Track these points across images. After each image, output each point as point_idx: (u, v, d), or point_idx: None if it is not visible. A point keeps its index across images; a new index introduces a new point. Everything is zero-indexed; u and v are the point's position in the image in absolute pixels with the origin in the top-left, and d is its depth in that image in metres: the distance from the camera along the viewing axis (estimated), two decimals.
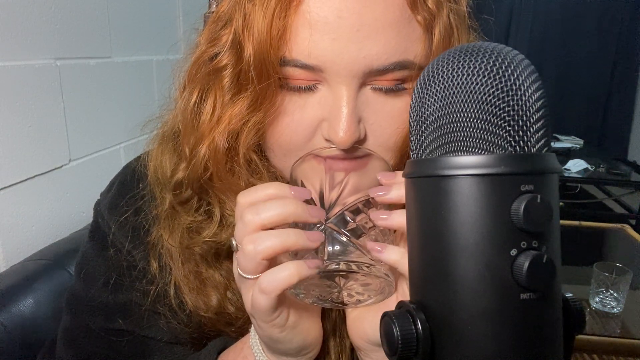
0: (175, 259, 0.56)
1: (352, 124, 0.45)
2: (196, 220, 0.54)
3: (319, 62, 0.44)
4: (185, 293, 0.56)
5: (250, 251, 0.42)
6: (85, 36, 1.23)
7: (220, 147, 0.49)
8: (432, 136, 0.32)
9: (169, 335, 0.58)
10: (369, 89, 0.47)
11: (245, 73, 0.46)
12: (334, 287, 0.47)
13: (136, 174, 0.60)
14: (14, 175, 1.00)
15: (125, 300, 0.58)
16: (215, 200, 0.53)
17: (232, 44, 0.47)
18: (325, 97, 0.47)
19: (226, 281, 0.55)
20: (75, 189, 1.19)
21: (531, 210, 0.27)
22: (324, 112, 0.47)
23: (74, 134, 1.17)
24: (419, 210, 0.32)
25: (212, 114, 0.49)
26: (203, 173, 0.51)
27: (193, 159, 0.50)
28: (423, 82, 0.33)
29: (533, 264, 0.27)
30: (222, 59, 0.48)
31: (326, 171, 0.47)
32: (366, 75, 0.45)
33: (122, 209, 0.58)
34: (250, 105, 0.47)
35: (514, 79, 0.29)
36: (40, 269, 0.89)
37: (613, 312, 1.44)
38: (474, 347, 0.29)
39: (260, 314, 0.43)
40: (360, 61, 0.44)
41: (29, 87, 1.03)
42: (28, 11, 1.03)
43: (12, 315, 0.79)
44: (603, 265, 1.45)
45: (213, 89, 0.49)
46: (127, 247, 0.57)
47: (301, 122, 0.48)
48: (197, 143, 0.50)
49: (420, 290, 0.32)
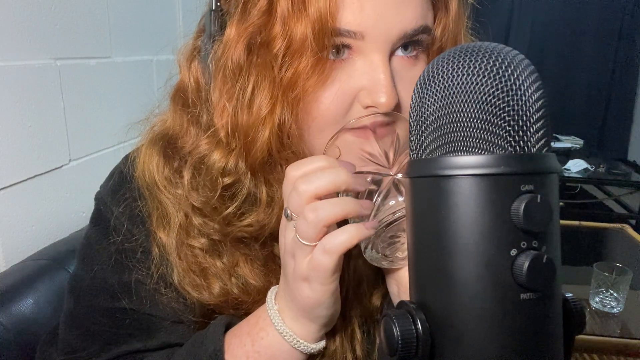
0: (172, 255, 0.56)
1: (391, 88, 0.48)
2: (241, 209, 0.55)
3: (362, 28, 0.47)
4: (185, 286, 0.57)
5: (312, 219, 0.44)
6: (85, 36, 1.22)
7: (284, 120, 0.49)
8: (432, 136, 0.32)
9: (173, 315, 0.59)
10: (397, 58, 0.51)
11: (298, 45, 0.47)
12: (398, 241, 0.49)
13: (130, 172, 0.61)
14: (14, 175, 1.00)
15: (129, 280, 0.58)
16: (262, 183, 0.54)
17: (275, 23, 0.48)
18: (362, 68, 0.49)
19: (230, 267, 0.57)
20: (75, 189, 1.19)
21: (531, 210, 0.27)
22: (362, 82, 0.49)
23: (74, 134, 1.17)
24: (419, 210, 0.32)
25: (270, 92, 0.49)
26: (267, 154, 0.51)
27: (252, 143, 0.51)
28: (423, 82, 0.33)
29: (533, 264, 0.27)
30: (270, 35, 0.48)
31: (375, 136, 0.50)
32: (400, 39, 0.49)
33: (123, 195, 0.59)
34: (306, 74, 0.48)
35: (514, 79, 0.29)
36: (40, 269, 0.89)
37: (613, 312, 1.44)
38: (474, 347, 0.29)
39: (320, 275, 0.46)
40: (397, 25, 0.48)
41: (29, 87, 1.03)
42: (28, 11, 1.03)
43: (12, 315, 0.79)
44: (603, 265, 1.45)
45: (263, 68, 0.49)
46: (130, 230, 0.59)
47: (343, 92, 0.50)
48: (254, 126, 0.50)
49: (421, 290, 0.32)
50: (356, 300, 0.60)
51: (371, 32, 0.47)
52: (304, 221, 0.45)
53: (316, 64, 0.48)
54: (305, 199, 0.45)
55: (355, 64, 0.50)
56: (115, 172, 0.63)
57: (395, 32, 0.48)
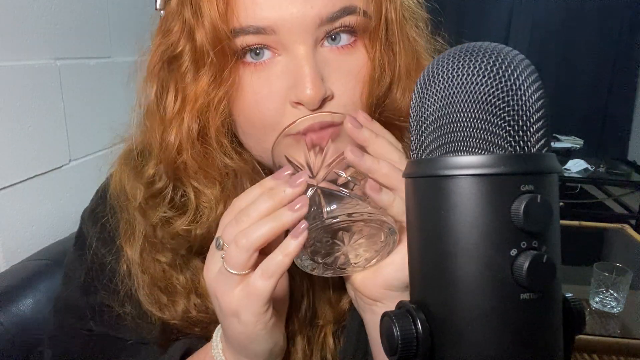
0: (135, 268, 0.56)
1: (316, 79, 0.46)
2: (167, 214, 0.54)
3: (269, 22, 0.45)
4: (148, 305, 0.56)
5: (243, 244, 0.42)
6: (85, 36, 1.23)
7: (191, 127, 0.49)
8: (432, 136, 0.32)
9: (137, 335, 0.59)
10: (324, 49, 0.48)
11: (200, 52, 0.47)
12: (338, 249, 0.47)
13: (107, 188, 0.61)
14: (14, 175, 1.00)
15: (96, 302, 0.59)
16: (190, 188, 0.52)
17: (182, 31, 0.48)
18: (286, 65, 0.47)
19: (191, 284, 0.56)
20: (75, 189, 1.19)
21: (531, 210, 0.27)
22: (288, 80, 0.47)
23: (74, 134, 1.17)
24: (419, 210, 0.32)
25: (175, 99, 0.50)
26: (177, 157, 0.51)
27: (165, 147, 0.50)
28: (423, 82, 0.33)
29: (533, 264, 0.27)
30: (178, 46, 0.49)
31: (308, 146, 0.48)
32: (317, 26, 0.46)
33: (100, 213, 0.60)
34: (212, 80, 0.47)
35: (514, 79, 0.29)
36: (40, 269, 0.89)
37: (613, 312, 1.44)
38: (474, 347, 0.29)
39: (253, 304, 0.43)
40: (309, 12, 0.45)
41: (29, 87, 1.03)
42: (28, 11, 1.03)
43: (12, 315, 0.79)
44: (603, 265, 1.45)
45: (173, 77, 0.50)
46: (100, 249, 0.59)
47: (269, 95, 0.48)
48: (166, 129, 0.50)
49: (421, 290, 0.32)
50: (327, 305, 0.58)
51: (280, 24, 0.45)
52: (235, 247, 0.43)
53: (222, 70, 0.47)
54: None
55: (281, 63, 0.47)
56: (100, 189, 0.64)
57: (309, 20, 0.45)
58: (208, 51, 0.46)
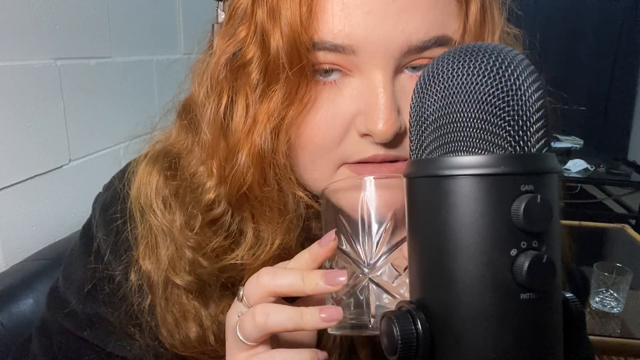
0: (156, 290, 0.51)
1: (392, 112, 0.41)
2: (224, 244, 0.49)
3: (352, 40, 0.40)
4: (161, 327, 0.51)
5: (260, 322, 0.39)
6: (85, 36, 1.22)
7: (264, 149, 0.44)
8: (432, 136, 0.32)
9: (135, 357, 0.54)
10: (405, 76, 0.43)
11: (274, 63, 0.42)
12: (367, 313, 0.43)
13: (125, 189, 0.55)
14: (14, 175, 1.00)
15: (93, 313, 0.54)
16: (249, 217, 0.48)
17: (254, 36, 0.43)
18: (359, 88, 0.42)
19: (214, 314, 0.51)
20: (75, 189, 1.19)
21: (531, 210, 0.27)
22: (358, 105, 0.42)
23: (74, 134, 1.17)
24: (419, 210, 0.32)
25: (246, 115, 0.44)
26: (244, 182, 0.45)
27: (230, 170, 0.45)
28: (423, 82, 0.33)
29: (533, 264, 0.27)
30: (247, 53, 0.44)
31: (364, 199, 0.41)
32: (404, 54, 0.41)
33: (113, 214, 0.54)
34: (286, 97, 0.42)
35: (514, 79, 0.29)
36: (40, 269, 0.89)
37: (613, 312, 1.44)
38: (474, 347, 0.29)
39: None
40: (398, 36, 0.40)
41: (29, 87, 1.03)
42: (28, 11, 1.03)
43: (12, 315, 0.79)
44: (603, 265, 1.45)
45: (242, 88, 0.45)
46: (107, 257, 0.53)
47: (335, 117, 0.43)
48: (233, 151, 0.45)
49: (421, 290, 0.32)
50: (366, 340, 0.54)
51: (364, 46, 0.40)
52: (251, 321, 0.39)
53: (297, 87, 0.42)
54: (263, 292, 0.40)
55: (352, 84, 0.43)
56: (114, 180, 0.58)
57: (396, 45, 0.40)
58: (283, 65, 0.41)
